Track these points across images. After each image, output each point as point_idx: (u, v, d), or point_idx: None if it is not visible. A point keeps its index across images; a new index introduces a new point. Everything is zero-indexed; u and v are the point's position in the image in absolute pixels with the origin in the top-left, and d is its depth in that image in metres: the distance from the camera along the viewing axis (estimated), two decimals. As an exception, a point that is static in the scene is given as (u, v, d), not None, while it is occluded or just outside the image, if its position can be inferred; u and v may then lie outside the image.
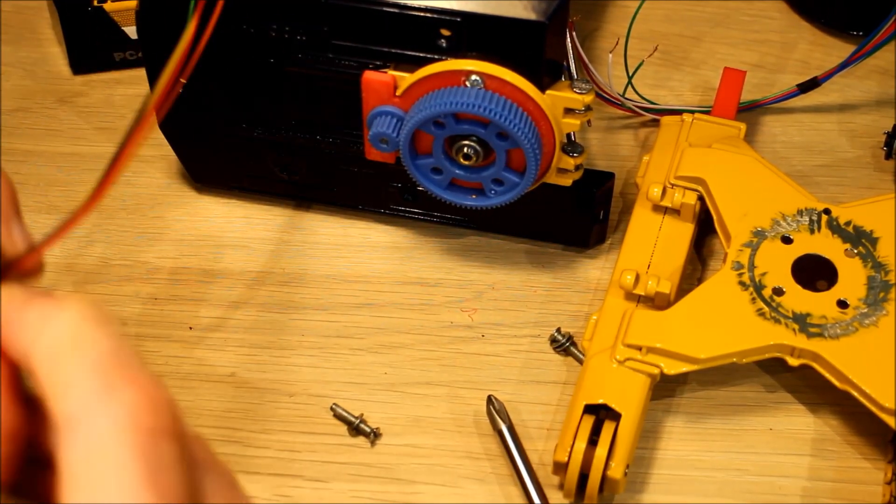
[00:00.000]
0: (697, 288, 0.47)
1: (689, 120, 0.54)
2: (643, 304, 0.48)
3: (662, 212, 0.50)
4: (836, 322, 0.45)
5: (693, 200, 0.50)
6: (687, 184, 0.50)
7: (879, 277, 0.46)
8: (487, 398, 0.46)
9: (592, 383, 0.45)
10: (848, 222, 0.48)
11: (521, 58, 0.44)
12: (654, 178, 0.51)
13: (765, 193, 0.49)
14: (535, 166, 0.45)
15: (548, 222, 0.52)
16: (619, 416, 0.43)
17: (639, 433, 0.44)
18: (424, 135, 0.46)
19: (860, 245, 0.47)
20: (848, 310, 0.45)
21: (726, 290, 0.46)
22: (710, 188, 0.50)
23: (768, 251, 0.47)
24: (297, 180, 0.53)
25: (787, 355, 0.45)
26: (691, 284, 0.50)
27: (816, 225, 0.48)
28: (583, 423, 0.43)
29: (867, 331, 0.45)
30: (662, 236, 0.50)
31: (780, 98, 0.57)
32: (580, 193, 0.50)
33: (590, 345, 0.46)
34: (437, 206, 0.51)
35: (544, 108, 0.45)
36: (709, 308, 0.46)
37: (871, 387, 0.43)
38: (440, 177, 0.47)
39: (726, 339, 0.45)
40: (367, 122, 0.47)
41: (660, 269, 0.48)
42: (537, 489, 0.44)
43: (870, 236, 0.48)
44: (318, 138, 0.51)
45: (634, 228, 0.50)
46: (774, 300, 0.46)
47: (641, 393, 0.44)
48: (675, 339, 0.45)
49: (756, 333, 0.45)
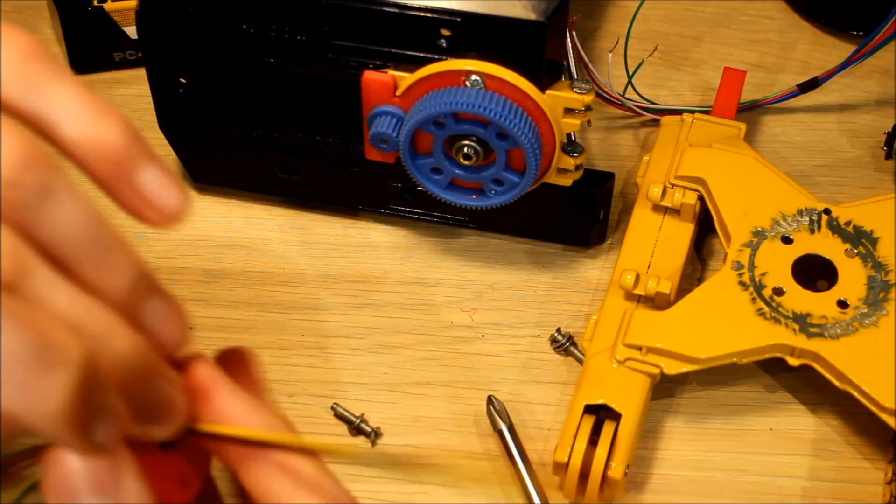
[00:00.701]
0: (697, 288, 0.47)
1: (689, 120, 0.54)
2: (643, 304, 0.48)
3: (662, 212, 0.50)
4: (836, 322, 0.45)
5: (693, 200, 0.50)
6: (687, 184, 0.50)
7: (879, 277, 0.46)
8: (487, 398, 0.46)
9: (592, 383, 0.45)
10: (848, 222, 0.48)
11: (521, 58, 0.44)
12: (654, 178, 0.51)
13: (765, 193, 0.49)
14: (535, 166, 0.45)
15: (548, 222, 0.52)
16: (619, 417, 0.43)
17: (639, 433, 0.44)
18: (424, 135, 0.46)
19: (860, 245, 0.47)
20: (848, 310, 0.45)
21: (726, 290, 0.46)
22: (710, 188, 0.50)
23: (768, 251, 0.47)
24: (297, 180, 0.53)
25: (788, 355, 0.45)
26: (691, 284, 0.50)
27: (816, 225, 0.48)
28: (583, 423, 0.43)
29: (867, 331, 0.45)
30: (662, 236, 0.50)
31: (781, 98, 0.57)
32: (580, 193, 0.50)
33: (590, 345, 0.46)
34: (437, 206, 0.51)
35: (544, 108, 0.45)
36: (709, 308, 0.46)
37: (871, 387, 0.43)
38: (440, 177, 0.47)
39: (726, 339, 0.45)
40: (367, 122, 0.47)
41: (660, 269, 0.48)
42: (537, 489, 0.44)
43: (870, 236, 0.48)
44: (318, 138, 0.51)
45: (634, 228, 0.50)
46: (774, 300, 0.46)
47: (641, 393, 0.44)
48: (676, 339, 0.45)
49: (756, 333, 0.45)
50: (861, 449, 0.46)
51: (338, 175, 0.52)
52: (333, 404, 0.47)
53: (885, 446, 0.45)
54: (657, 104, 0.57)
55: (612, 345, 0.46)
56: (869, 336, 0.44)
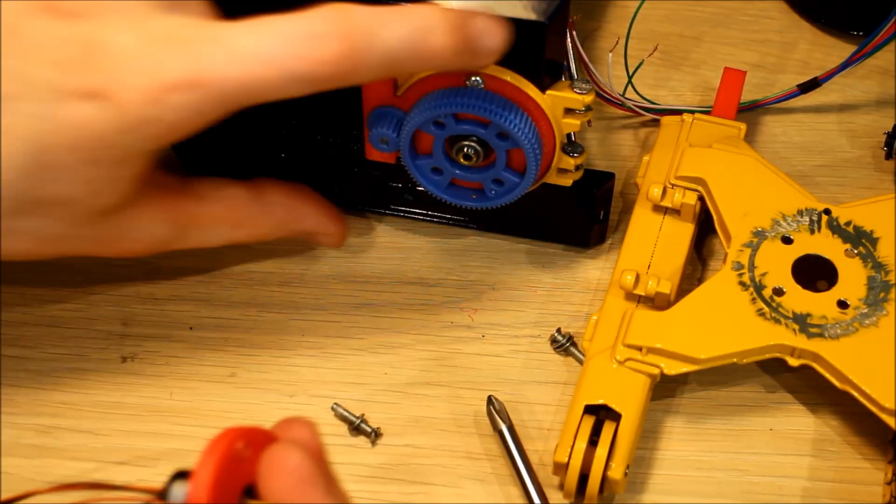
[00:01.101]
0: (697, 288, 0.47)
1: (689, 120, 0.54)
2: (643, 304, 0.48)
3: (662, 212, 0.50)
4: (836, 322, 0.45)
5: (693, 200, 0.50)
6: (687, 184, 0.50)
7: (879, 277, 0.46)
8: (487, 398, 0.46)
9: (592, 384, 0.45)
10: (848, 222, 0.48)
11: (522, 58, 0.44)
12: (655, 178, 0.51)
13: (765, 193, 0.49)
14: (535, 166, 0.45)
15: (548, 222, 0.52)
16: (619, 417, 0.43)
17: (639, 433, 0.44)
18: (425, 135, 0.46)
19: (860, 245, 0.47)
20: (848, 310, 0.45)
21: (726, 291, 0.46)
22: (711, 188, 0.50)
23: (768, 251, 0.47)
24: (297, 181, 0.53)
25: (788, 356, 0.45)
26: (691, 284, 0.50)
27: (816, 225, 0.48)
28: (583, 423, 0.43)
29: (867, 331, 0.45)
30: (662, 236, 0.50)
31: (781, 98, 0.57)
32: (580, 194, 0.50)
33: (590, 345, 0.46)
34: (437, 206, 0.51)
35: (544, 108, 0.45)
36: (709, 308, 0.46)
37: (871, 387, 0.43)
38: (440, 177, 0.47)
39: (726, 339, 0.45)
40: (368, 122, 0.47)
41: (660, 270, 0.48)
42: (537, 489, 0.44)
43: (870, 236, 0.48)
44: (319, 138, 0.51)
45: (634, 228, 0.50)
46: (775, 300, 0.46)
47: (642, 393, 0.44)
48: (676, 339, 0.45)
49: (756, 334, 0.45)
50: (861, 449, 0.46)
51: (338, 175, 0.52)
52: (334, 404, 0.47)
53: (885, 446, 0.45)
54: (657, 104, 0.57)
55: (612, 345, 0.46)
56: (869, 336, 0.45)
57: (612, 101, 0.56)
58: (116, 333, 0.49)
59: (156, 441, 0.46)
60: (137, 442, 0.46)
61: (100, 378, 0.48)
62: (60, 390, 0.47)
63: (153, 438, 0.46)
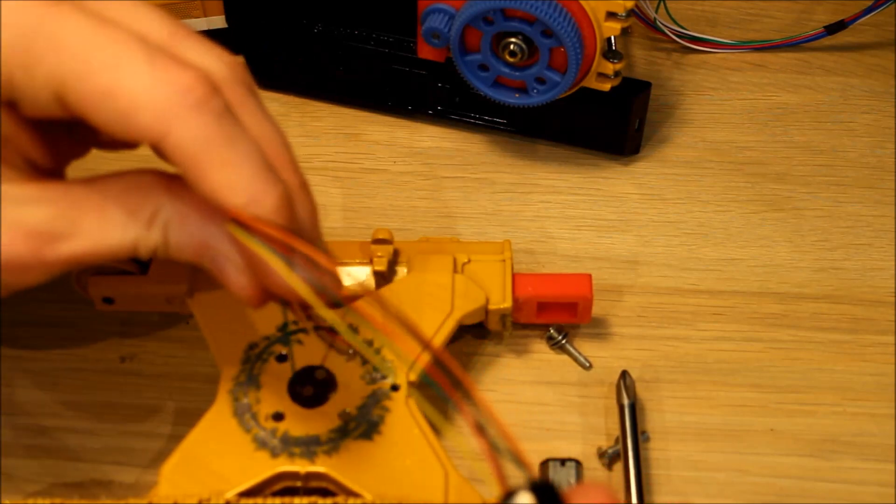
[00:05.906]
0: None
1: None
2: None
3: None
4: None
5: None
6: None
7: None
8: (621, 373, 0.46)
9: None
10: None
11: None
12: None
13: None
14: (575, 65, 0.48)
15: (586, 129, 0.55)
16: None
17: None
18: (474, 31, 0.49)
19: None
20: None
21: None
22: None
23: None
24: (352, 79, 0.56)
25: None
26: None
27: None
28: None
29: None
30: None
31: (808, 38, 0.59)
32: (618, 100, 0.52)
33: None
34: (482, 109, 0.55)
35: (588, 10, 0.48)
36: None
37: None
38: (486, 74, 0.51)
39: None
40: (421, 18, 0.50)
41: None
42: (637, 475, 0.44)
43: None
44: (374, 35, 0.54)
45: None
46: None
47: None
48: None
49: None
50: (861, 449, 0.46)
51: (390, 75, 0.55)
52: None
53: (885, 446, 0.45)
54: (687, 31, 0.60)
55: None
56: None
57: (644, 19, 0.59)
58: (115, 333, 0.49)
59: (155, 441, 0.46)
60: (136, 442, 0.46)
61: (99, 378, 0.48)
62: (60, 390, 0.47)
63: (152, 439, 0.46)
